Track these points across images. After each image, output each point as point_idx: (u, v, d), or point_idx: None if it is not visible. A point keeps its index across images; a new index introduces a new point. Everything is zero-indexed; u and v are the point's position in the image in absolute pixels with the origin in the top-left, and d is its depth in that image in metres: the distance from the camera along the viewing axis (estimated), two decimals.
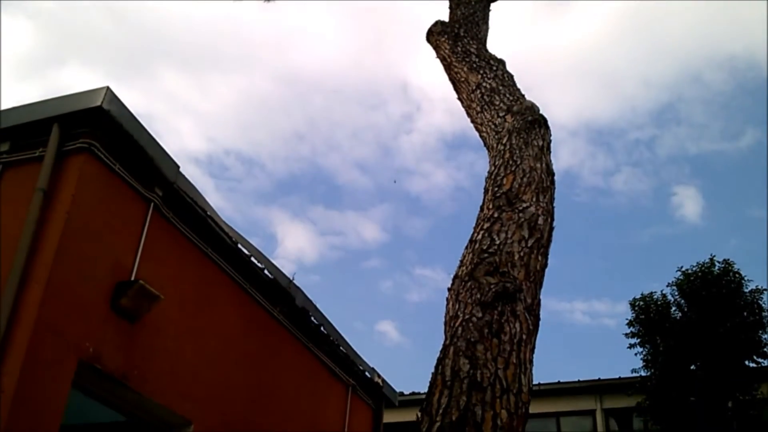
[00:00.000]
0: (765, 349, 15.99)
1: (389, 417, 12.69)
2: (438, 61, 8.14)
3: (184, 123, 40.89)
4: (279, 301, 9.11)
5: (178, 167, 7.14)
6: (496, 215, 5.50)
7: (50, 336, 5.54)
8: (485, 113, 6.91)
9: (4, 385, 5.15)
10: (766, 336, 16.06)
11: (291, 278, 9.30)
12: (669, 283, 17.32)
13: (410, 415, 4.92)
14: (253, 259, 8.57)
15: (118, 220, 6.50)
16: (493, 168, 6.08)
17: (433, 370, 4.75)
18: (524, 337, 4.90)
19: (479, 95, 7.14)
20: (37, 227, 5.75)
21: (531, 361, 4.92)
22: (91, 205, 6.17)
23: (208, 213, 7.66)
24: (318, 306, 9.92)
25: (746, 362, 15.96)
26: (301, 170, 44.06)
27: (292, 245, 44.71)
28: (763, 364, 16.14)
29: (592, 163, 40.16)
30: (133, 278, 6.41)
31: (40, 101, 6.42)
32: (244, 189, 45.72)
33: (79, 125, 6.19)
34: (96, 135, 6.22)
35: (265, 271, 8.79)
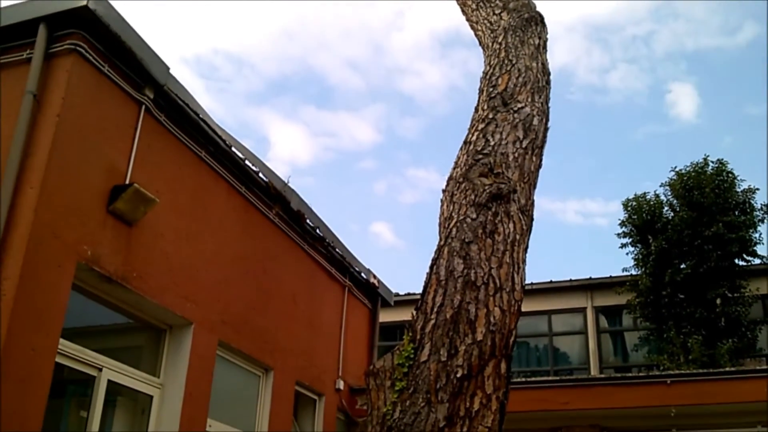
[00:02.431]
0: (755, 248, 16.26)
1: (385, 316, 12.98)
2: None
3: (170, 21, 39.96)
4: (274, 204, 9.15)
5: (168, 69, 7.03)
6: (491, 116, 5.47)
7: (48, 240, 5.58)
8: (481, 11, 6.76)
9: (5, 290, 5.23)
10: (756, 235, 16.31)
11: (286, 181, 9.31)
12: (662, 183, 17.44)
13: (405, 315, 5.02)
14: (247, 162, 8.56)
15: (110, 124, 6.44)
16: (488, 68, 6.00)
17: (427, 270, 4.83)
18: (518, 237, 4.95)
19: None
20: (28, 131, 5.71)
21: (524, 261, 5.00)
22: (82, 108, 6.10)
23: (201, 116, 7.59)
24: (313, 208, 9.99)
25: (736, 261, 16.25)
26: (291, 70, 43.44)
27: (284, 147, 44.59)
28: (752, 263, 16.44)
29: (588, 60, 39.65)
30: (127, 182, 6.41)
31: (26, 1, 6.25)
32: (235, 90, 45.20)
33: (66, 25, 6.06)
34: (83, 36, 6.10)
35: (260, 174, 8.79)
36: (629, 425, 10.04)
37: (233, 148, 8.27)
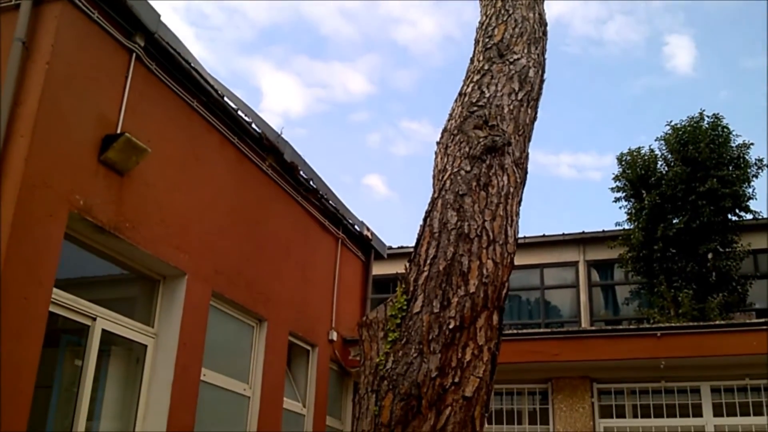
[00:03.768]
0: (747, 203, 16.31)
1: (378, 269, 13.03)
2: None
3: None
4: (268, 155, 9.10)
5: (159, 16, 6.91)
6: (486, 67, 5.41)
7: (39, 189, 5.55)
8: None
9: None
10: (749, 190, 16.35)
11: (279, 132, 9.25)
12: (657, 138, 17.40)
13: (399, 267, 5.03)
14: (239, 112, 8.48)
15: (100, 72, 6.35)
16: (484, 18, 5.91)
17: (421, 222, 4.82)
18: (511, 190, 4.95)
19: None
20: (18, 79, 5.63)
21: (517, 214, 5.00)
22: (72, 56, 6.01)
23: (192, 64, 7.49)
24: (306, 160, 9.94)
25: (728, 216, 16.31)
26: (283, 19, 42.84)
27: (277, 98, 44.22)
28: (744, 218, 16.51)
29: (584, 11, 39.19)
30: (119, 131, 6.35)
31: None
32: (226, 39, 44.60)
33: None
34: None
35: (253, 125, 8.72)
36: (619, 377, 10.18)
37: (225, 98, 8.19)
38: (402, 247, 17.67)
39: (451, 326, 4.29)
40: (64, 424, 6.08)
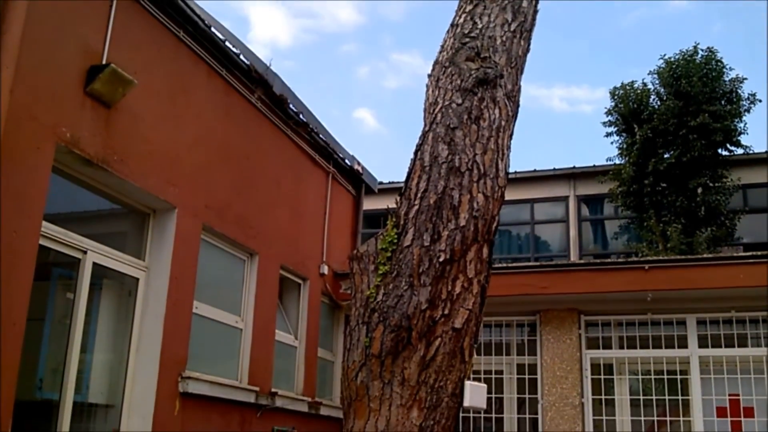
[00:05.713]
0: (739, 138, 16.31)
1: (369, 204, 13.03)
2: None
3: None
4: (256, 88, 8.99)
5: None
6: None
7: (25, 121, 5.47)
8: None
9: None
10: (741, 125, 16.33)
11: (268, 64, 9.10)
12: (650, 71, 17.27)
13: (390, 202, 5.03)
14: (227, 43, 8.33)
15: (84, 1, 6.20)
16: None
17: (412, 156, 4.80)
18: (503, 123, 4.91)
19: None
20: (1, 9, 5.48)
21: (509, 147, 4.98)
22: None
23: None
24: (296, 93, 9.82)
25: (719, 151, 16.33)
26: None
27: (264, 29, 43.47)
28: (735, 153, 16.54)
29: None
30: (104, 62, 6.24)
31: None
32: None
33: None
34: None
35: (241, 57, 8.58)
36: (606, 309, 10.32)
37: (213, 29, 8.03)
38: (393, 182, 17.65)
39: (441, 259, 4.31)
40: (57, 356, 6.14)
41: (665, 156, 16.19)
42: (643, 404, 9.98)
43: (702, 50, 16.65)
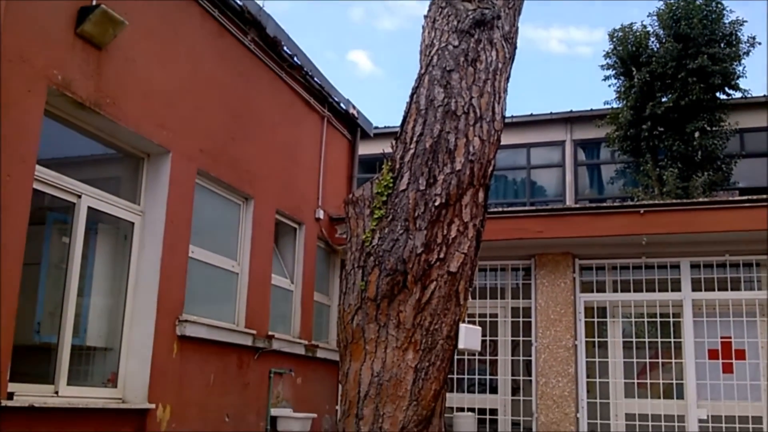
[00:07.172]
0: (737, 81, 16.18)
1: (364, 149, 12.95)
2: None
3: None
4: (250, 29, 8.84)
5: None
6: None
7: (16, 64, 5.38)
8: None
9: None
10: (740, 68, 16.19)
11: (261, 5, 8.94)
12: (650, 13, 17.03)
13: (385, 147, 5.00)
14: None
15: None
16: None
17: (407, 99, 4.75)
18: (500, 65, 4.85)
19: None
20: None
21: (505, 90, 4.93)
22: None
23: None
24: (290, 35, 9.67)
25: (717, 94, 16.21)
26: None
27: None
28: (733, 96, 16.43)
29: None
30: (94, 3, 6.12)
31: None
32: None
33: None
34: None
35: None
36: (601, 253, 10.36)
37: None
38: (388, 127, 17.49)
39: (436, 203, 4.31)
40: (54, 299, 6.17)
41: (663, 100, 16.07)
42: (635, 346, 10.10)
43: None
